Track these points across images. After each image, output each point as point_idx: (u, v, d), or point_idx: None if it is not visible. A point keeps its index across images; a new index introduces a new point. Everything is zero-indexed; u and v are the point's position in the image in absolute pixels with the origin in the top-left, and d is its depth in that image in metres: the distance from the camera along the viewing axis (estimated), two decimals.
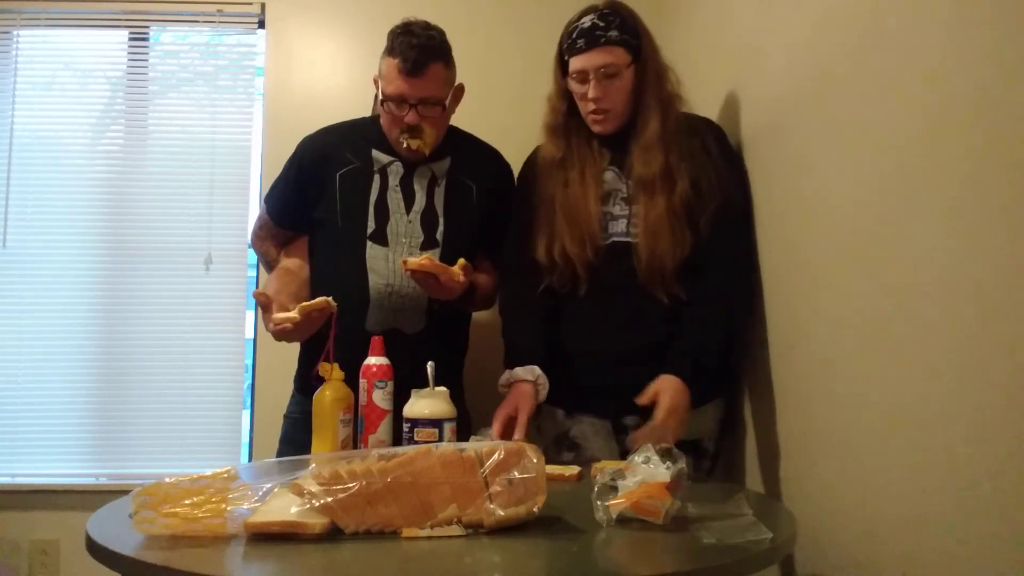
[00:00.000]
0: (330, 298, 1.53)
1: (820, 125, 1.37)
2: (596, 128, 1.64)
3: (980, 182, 0.94)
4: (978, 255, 0.94)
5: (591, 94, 1.58)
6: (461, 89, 1.75)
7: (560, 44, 1.64)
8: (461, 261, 1.59)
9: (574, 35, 1.59)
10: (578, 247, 1.61)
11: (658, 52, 1.64)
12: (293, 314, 1.50)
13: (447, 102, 1.69)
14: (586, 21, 1.58)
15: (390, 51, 1.64)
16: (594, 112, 1.61)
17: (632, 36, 1.59)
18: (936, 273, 1.02)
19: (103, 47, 2.57)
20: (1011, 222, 0.88)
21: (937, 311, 1.02)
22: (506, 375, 1.58)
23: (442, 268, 1.56)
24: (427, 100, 1.64)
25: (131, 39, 2.56)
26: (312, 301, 1.53)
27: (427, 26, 1.66)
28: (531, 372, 1.56)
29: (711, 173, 1.58)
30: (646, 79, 1.60)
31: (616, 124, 1.63)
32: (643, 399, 1.48)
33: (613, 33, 1.57)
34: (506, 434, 1.48)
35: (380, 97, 1.68)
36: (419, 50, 1.61)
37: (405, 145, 1.67)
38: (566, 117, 1.67)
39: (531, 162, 1.76)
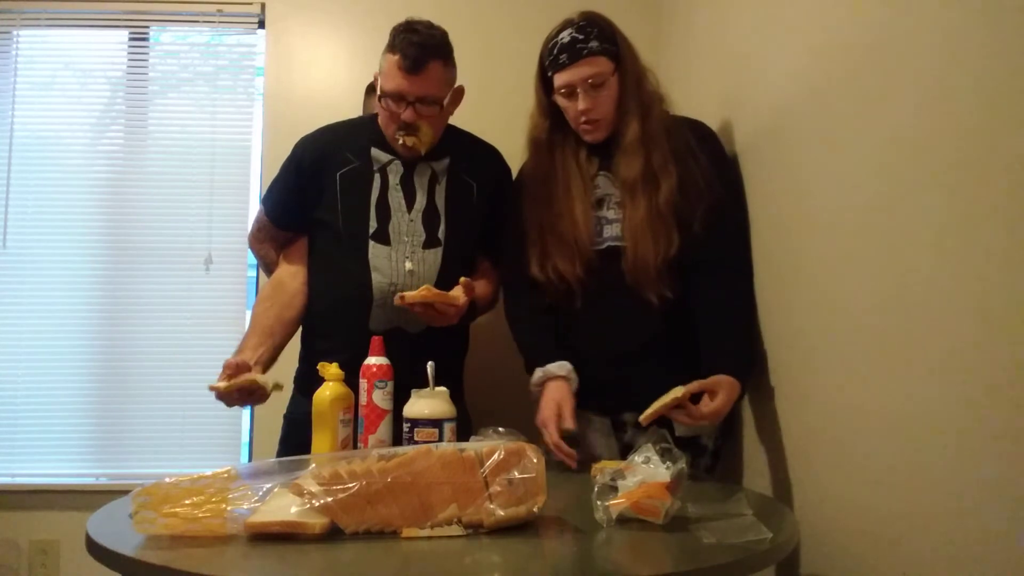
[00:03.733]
0: (265, 381, 1.51)
1: (818, 129, 1.37)
2: (588, 138, 1.65)
3: (977, 184, 0.94)
4: (977, 256, 0.94)
5: (581, 106, 1.59)
6: (461, 91, 1.74)
7: (541, 61, 1.65)
8: (463, 280, 1.60)
9: (555, 51, 1.59)
10: (568, 264, 1.62)
11: (637, 56, 1.65)
12: (220, 384, 1.48)
13: (445, 102, 1.68)
14: (565, 36, 1.59)
15: (391, 47, 1.64)
16: (585, 123, 1.62)
17: (611, 44, 1.59)
18: (935, 274, 1.02)
19: (103, 47, 2.57)
20: (1009, 223, 0.88)
21: (936, 311, 1.02)
22: (539, 373, 1.59)
23: (440, 296, 1.56)
24: (425, 98, 1.64)
25: (131, 39, 2.57)
26: (239, 379, 1.49)
27: (430, 25, 1.66)
28: (563, 368, 1.58)
29: (697, 173, 1.58)
30: (626, 84, 1.61)
31: (607, 131, 1.64)
32: (697, 386, 1.45)
33: (594, 44, 1.57)
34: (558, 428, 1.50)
35: (379, 93, 1.67)
36: (419, 47, 1.61)
37: (401, 142, 1.67)
38: (550, 132, 1.69)
39: (519, 177, 1.77)
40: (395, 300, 1.57)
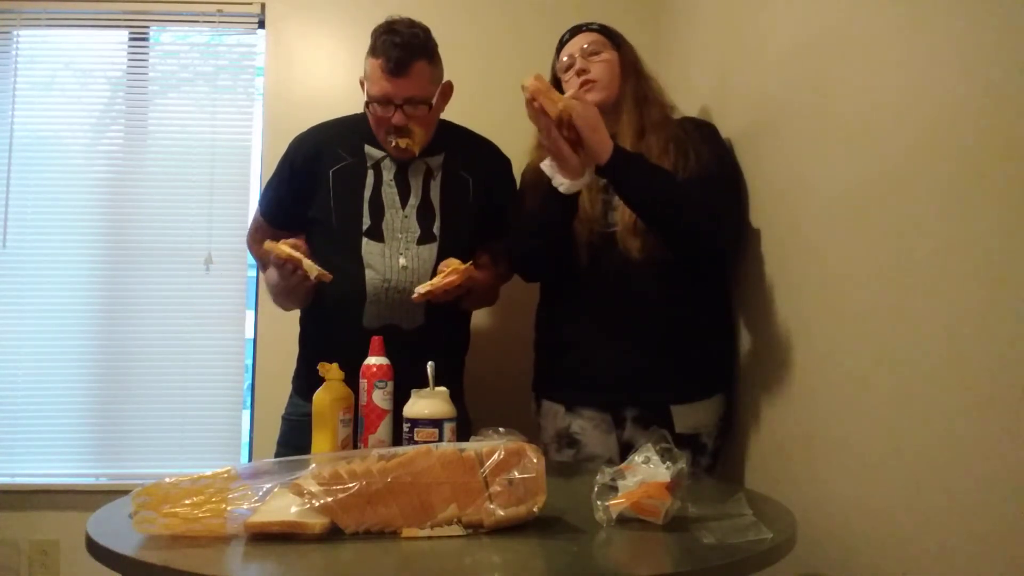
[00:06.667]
0: (311, 265, 1.54)
1: (819, 119, 1.37)
2: (587, 98, 1.67)
3: (977, 172, 0.94)
4: (978, 250, 0.94)
5: (577, 66, 1.68)
6: (449, 86, 1.74)
7: (553, 64, 1.77)
8: (468, 265, 1.58)
9: (562, 36, 1.76)
10: (575, 232, 1.62)
11: (641, 61, 1.74)
12: (273, 244, 1.52)
13: (434, 100, 1.67)
14: (572, 25, 1.77)
15: (373, 51, 1.63)
16: (582, 85, 1.67)
17: (613, 35, 1.73)
18: (938, 271, 1.02)
19: (103, 47, 2.57)
20: (1011, 214, 0.88)
21: (938, 310, 1.02)
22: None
23: (467, 271, 1.55)
24: (413, 99, 1.63)
25: (131, 39, 2.56)
26: (288, 249, 1.53)
27: (411, 23, 1.65)
28: None
29: (692, 159, 1.60)
30: (626, 72, 1.70)
31: (604, 95, 1.67)
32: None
33: (595, 25, 1.75)
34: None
35: (365, 98, 1.67)
36: (402, 49, 1.59)
37: (393, 144, 1.66)
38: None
39: (524, 173, 1.79)
40: (414, 298, 1.56)
